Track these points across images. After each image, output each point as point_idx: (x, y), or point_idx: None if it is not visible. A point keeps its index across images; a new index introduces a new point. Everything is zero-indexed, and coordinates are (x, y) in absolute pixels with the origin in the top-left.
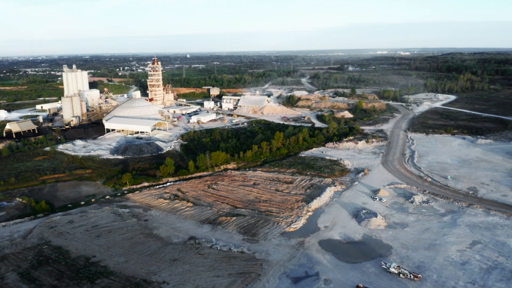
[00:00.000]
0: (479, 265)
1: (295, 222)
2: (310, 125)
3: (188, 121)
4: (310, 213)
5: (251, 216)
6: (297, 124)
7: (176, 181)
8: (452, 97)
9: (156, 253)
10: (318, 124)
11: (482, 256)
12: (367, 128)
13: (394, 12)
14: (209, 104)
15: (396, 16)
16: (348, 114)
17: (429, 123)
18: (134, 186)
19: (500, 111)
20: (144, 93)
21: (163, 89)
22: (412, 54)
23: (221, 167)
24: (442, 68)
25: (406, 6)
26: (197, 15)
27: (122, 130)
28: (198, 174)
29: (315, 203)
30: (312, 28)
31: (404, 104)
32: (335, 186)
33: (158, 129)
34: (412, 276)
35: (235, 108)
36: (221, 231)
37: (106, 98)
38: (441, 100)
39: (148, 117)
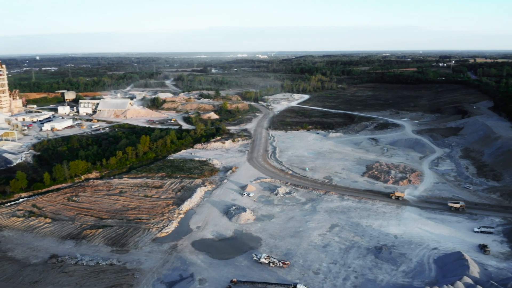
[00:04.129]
0: (338, 246)
1: (167, 226)
2: (177, 127)
3: (41, 129)
4: (181, 216)
5: (119, 226)
6: (164, 126)
7: (30, 196)
8: (306, 96)
9: (13, 277)
10: (185, 126)
11: (340, 237)
12: (232, 128)
13: (252, 16)
14: (64, 110)
15: (254, 21)
16: (214, 115)
17: (287, 121)
18: None
19: (347, 107)
20: None
21: (10, 95)
22: (270, 57)
23: (82, 177)
24: (296, 70)
25: (261, 10)
26: (46, 14)
27: None
28: (56, 186)
29: (186, 205)
30: (174, 30)
31: (264, 104)
32: (205, 186)
33: (5, 140)
34: (281, 264)
35: (94, 112)
36: (87, 245)
37: None
38: (297, 99)
39: None
